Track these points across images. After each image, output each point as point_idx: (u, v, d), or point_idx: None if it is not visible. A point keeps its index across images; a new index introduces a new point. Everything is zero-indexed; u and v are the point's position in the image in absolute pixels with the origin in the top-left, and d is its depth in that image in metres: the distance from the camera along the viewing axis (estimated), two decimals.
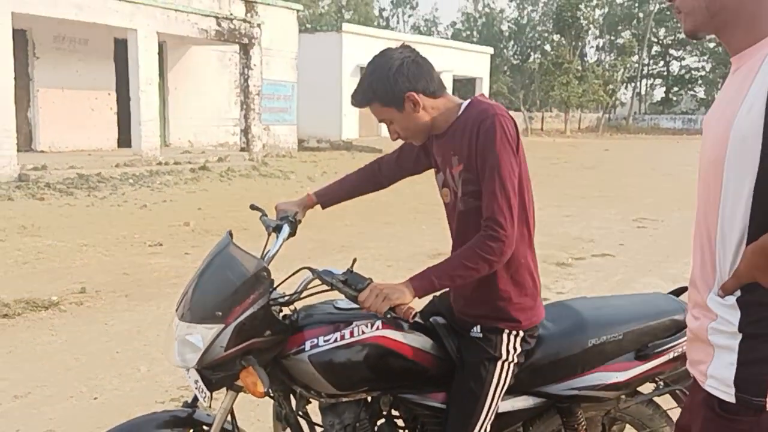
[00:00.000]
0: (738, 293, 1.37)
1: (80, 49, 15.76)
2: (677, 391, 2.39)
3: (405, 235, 8.91)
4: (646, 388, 2.43)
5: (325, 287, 2.09)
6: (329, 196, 2.57)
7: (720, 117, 1.43)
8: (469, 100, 2.17)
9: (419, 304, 2.17)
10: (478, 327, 2.17)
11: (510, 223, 2.01)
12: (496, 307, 2.14)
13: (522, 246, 2.13)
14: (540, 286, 2.27)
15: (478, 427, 2.14)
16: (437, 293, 2.26)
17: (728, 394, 1.40)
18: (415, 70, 2.10)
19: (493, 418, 2.17)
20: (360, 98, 2.15)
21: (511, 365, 2.16)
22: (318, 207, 2.63)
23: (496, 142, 2.01)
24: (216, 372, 2.04)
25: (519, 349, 2.17)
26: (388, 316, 2.00)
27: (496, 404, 2.17)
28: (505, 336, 2.15)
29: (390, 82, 2.07)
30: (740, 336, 1.39)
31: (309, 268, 2.15)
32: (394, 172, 2.56)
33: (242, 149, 17.19)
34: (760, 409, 1.36)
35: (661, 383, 2.40)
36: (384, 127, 2.27)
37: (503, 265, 2.08)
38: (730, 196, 1.38)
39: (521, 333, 2.16)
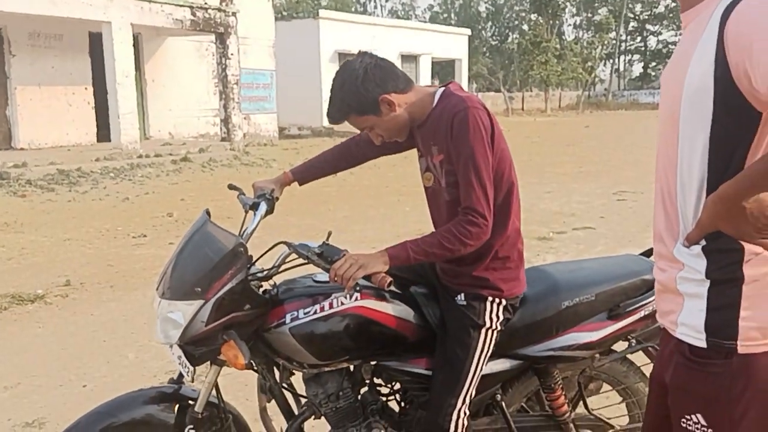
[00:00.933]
0: (703, 242, 1.40)
1: (55, 44, 15.60)
2: (649, 348, 2.46)
3: (389, 218, 8.96)
4: (620, 346, 2.51)
5: (302, 261, 2.14)
6: (305, 173, 2.61)
7: (673, 72, 1.46)
8: (442, 89, 2.22)
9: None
10: (462, 295, 2.23)
11: (487, 211, 2.08)
12: (481, 276, 2.21)
13: (510, 221, 2.21)
14: (524, 259, 2.34)
15: (463, 393, 2.21)
16: None
17: (699, 340, 1.43)
18: (380, 74, 2.14)
19: (477, 381, 2.24)
20: (337, 115, 2.20)
21: (494, 332, 2.23)
22: (296, 189, 2.66)
23: (470, 135, 2.06)
24: (198, 347, 2.08)
25: (501, 317, 2.24)
26: (357, 288, 2.04)
27: (481, 369, 2.23)
28: (488, 304, 2.21)
29: (361, 92, 2.11)
30: (708, 283, 1.42)
31: (285, 243, 2.19)
32: (373, 151, 2.57)
33: (223, 139, 17.13)
34: (730, 352, 1.40)
35: (634, 341, 2.47)
36: None
37: (493, 237, 2.15)
38: (687, 148, 1.42)
39: (504, 301, 2.23)
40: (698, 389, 1.45)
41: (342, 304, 2.20)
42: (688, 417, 1.47)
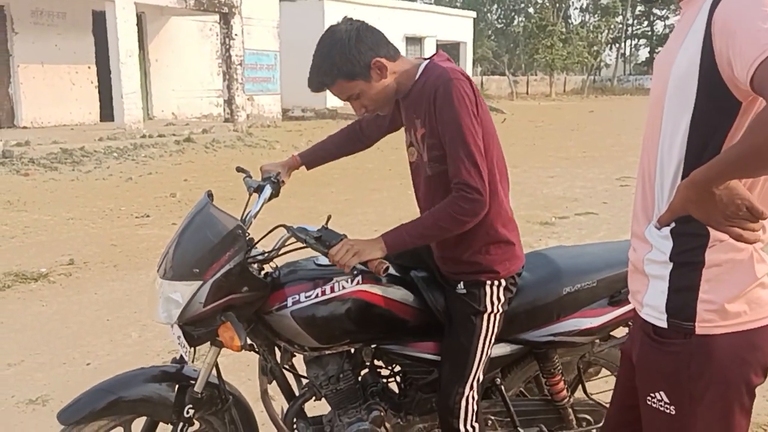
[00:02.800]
0: (672, 225, 1.45)
1: (58, 23, 15.54)
2: None
3: (391, 201, 8.95)
4: (619, 332, 2.52)
5: (301, 244, 2.14)
6: (313, 157, 2.59)
7: (665, 57, 1.50)
8: (425, 63, 2.16)
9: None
10: (462, 283, 2.23)
11: (481, 183, 2.03)
12: (476, 260, 2.20)
13: (497, 200, 2.17)
14: (518, 233, 2.31)
15: (471, 377, 2.23)
16: None
17: (661, 320, 1.49)
18: (372, 37, 2.08)
19: (484, 366, 2.25)
20: (324, 79, 2.08)
21: (497, 316, 2.23)
22: (298, 172, 2.64)
23: (455, 107, 2.01)
24: (197, 327, 2.09)
25: (503, 299, 2.24)
26: (355, 272, 2.05)
27: (487, 354, 2.25)
28: (487, 288, 2.21)
29: (353, 54, 2.03)
30: (671, 265, 1.47)
31: (284, 226, 2.19)
32: (373, 132, 2.58)
33: (226, 120, 17.09)
34: (689, 333, 1.45)
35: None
36: None
37: (483, 220, 2.11)
38: (668, 132, 1.46)
39: (503, 282, 2.22)
40: (660, 367, 1.50)
41: (343, 288, 2.20)
42: (653, 395, 1.53)
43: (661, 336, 1.49)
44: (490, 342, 2.24)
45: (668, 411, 1.50)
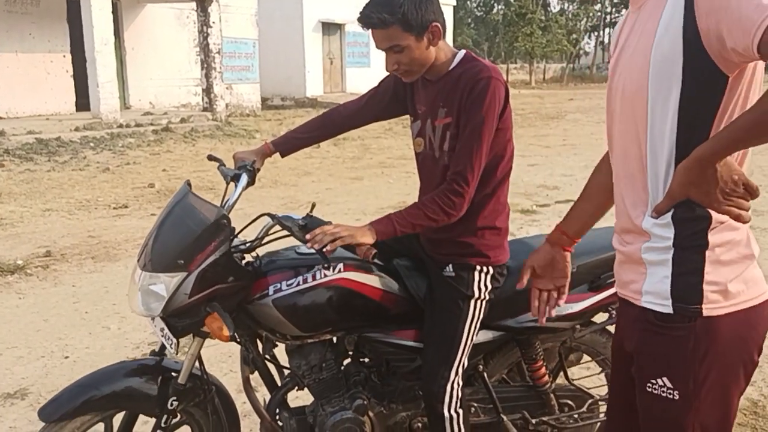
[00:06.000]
0: (672, 211, 1.44)
1: (32, 11, 15.25)
2: None
3: (372, 190, 8.94)
4: (600, 317, 2.53)
5: (285, 233, 2.12)
6: (287, 144, 2.55)
7: (634, 50, 1.49)
8: (462, 54, 2.16)
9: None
10: (450, 266, 2.23)
11: (473, 181, 2.08)
12: (470, 242, 2.21)
13: (504, 190, 2.24)
14: (509, 231, 2.35)
15: (457, 362, 2.23)
16: None
17: (665, 306, 1.48)
18: (437, 5, 2.08)
19: (468, 352, 2.25)
20: (379, 17, 1.98)
21: (483, 302, 2.25)
22: (279, 161, 2.62)
23: (485, 105, 2.04)
24: (181, 319, 2.07)
25: (489, 287, 2.25)
26: (323, 250, 1.96)
27: (472, 339, 2.25)
28: (476, 273, 2.22)
29: (422, 8, 2.00)
30: (672, 250, 1.46)
31: (269, 214, 2.17)
32: (355, 119, 2.52)
33: (205, 109, 16.92)
34: (694, 316, 1.45)
35: (614, 312, 2.49)
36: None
37: (483, 206, 2.17)
38: (657, 118, 1.45)
39: (491, 270, 2.24)
40: (663, 352, 1.50)
41: (325, 276, 2.19)
42: (654, 381, 1.52)
43: (664, 321, 1.48)
44: (475, 327, 2.25)
45: (671, 396, 1.49)
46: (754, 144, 1.34)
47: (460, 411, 2.25)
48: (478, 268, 2.23)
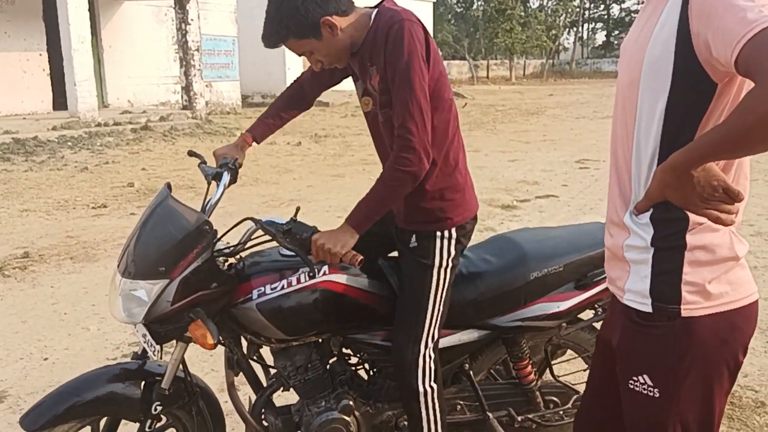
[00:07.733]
0: (651, 211, 1.45)
1: (7, 9, 15.02)
2: None
3: (354, 186, 8.90)
4: (586, 315, 2.54)
5: (268, 237, 2.08)
6: (261, 129, 2.50)
7: (636, 40, 1.48)
8: (377, 9, 2.11)
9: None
10: (414, 237, 2.19)
11: (422, 129, 1.98)
12: (432, 206, 2.16)
13: (451, 144, 2.15)
14: (471, 180, 2.28)
15: (425, 335, 2.19)
16: None
17: (645, 305, 1.49)
18: None
19: (439, 323, 2.21)
20: (274, 38, 2.05)
21: (447, 270, 2.20)
22: (260, 158, 2.60)
23: (405, 49, 1.96)
24: (164, 325, 2.04)
25: (453, 252, 2.20)
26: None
27: (440, 309, 2.20)
28: (438, 241, 2.17)
29: (301, 13, 1.98)
30: (652, 250, 1.47)
31: (252, 219, 2.13)
32: (314, 88, 2.51)
33: (184, 107, 16.77)
34: (674, 315, 1.45)
35: (600, 309, 2.50)
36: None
37: (434, 166, 2.09)
38: (644, 116, 1.44)
39: (453, 234, 2.18)
40: (644, 350, 1.51)
41: (309, 278, 2.17)
42: (636, 378, 1.53)
43: (645, 319, 1.49)
44: (442, 296, 2.20)
45: (651, 394, 1.50)
46: (729, 157, 1.33)
47: (434, 385, 2.22)
48: (439, 234, 2.16)
